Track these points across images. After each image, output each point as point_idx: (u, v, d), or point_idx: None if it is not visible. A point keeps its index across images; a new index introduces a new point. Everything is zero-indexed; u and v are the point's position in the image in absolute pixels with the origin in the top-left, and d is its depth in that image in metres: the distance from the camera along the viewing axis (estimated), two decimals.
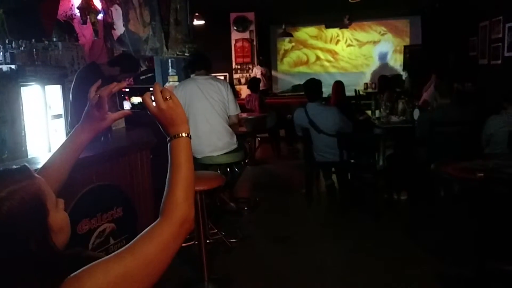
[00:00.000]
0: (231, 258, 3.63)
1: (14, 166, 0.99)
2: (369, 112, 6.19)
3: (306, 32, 11.37)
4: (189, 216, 1.06)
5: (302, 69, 11.47)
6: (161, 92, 1.13)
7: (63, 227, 1.03)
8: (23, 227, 0.92)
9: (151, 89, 1.14)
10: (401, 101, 5.59)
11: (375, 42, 11.25)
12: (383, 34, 11.19)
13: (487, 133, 3.92)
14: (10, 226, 0.91)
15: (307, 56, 11.47)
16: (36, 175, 1.02)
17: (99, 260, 0.94)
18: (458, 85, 5.09)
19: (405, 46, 10.81)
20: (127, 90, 1.21)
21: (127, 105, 1.21)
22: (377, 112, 5.85)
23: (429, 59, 8.93)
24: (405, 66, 10.53)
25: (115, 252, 0.97)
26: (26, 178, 0.97)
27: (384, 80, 7.03)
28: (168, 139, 1.14)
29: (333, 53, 11.40)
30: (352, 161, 4.63)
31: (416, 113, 5.04)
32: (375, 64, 11.29)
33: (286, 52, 11.54)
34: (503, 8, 6.63)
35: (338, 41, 11.36)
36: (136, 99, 1.20)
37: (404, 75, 10.46)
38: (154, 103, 1.13)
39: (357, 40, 11.30)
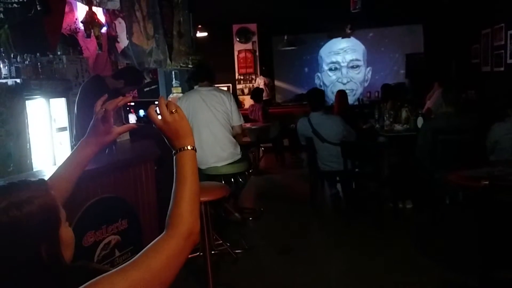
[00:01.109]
0: (236, 269, 3.61)
1: (32, 179, 1.04)
2: (372, 120, 6.18)
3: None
4: (194, 229, 1.07)
5: None
6: (167, 105, 1.14)
7: (69, 243, 1.06)
8: (38, 232, 0.96)
9: (156, 102, 1.15)
10: (404, 110, 5.59)
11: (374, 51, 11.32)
12: (382, 43, 11.25)
13: (492, 140, 3.91)
14: (26, 229, 0.94)
15: None
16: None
17: (104, 274, 0.94)
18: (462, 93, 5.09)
19: (407, 55, 10.83)
20: (132, 104, 1.22)
21: (132, 118, 1.22)
22: (380, 120, 5.85)
23: (432, 67, 8.94)
24: (408, 75, 10.54)
25: (121, 266, 0.98)
26: (44, 189, 1.02)
27: (388, 88, 7.04)
28: (173, 152, 1.15)
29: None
30: (357, 170, 4.63)
31: (420, 121, 5.03)
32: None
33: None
34: (505, 15, 6.65)
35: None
36: (141, 112, 1.21)
37: (406, 83, 10.46)
38: (159, 116, 1.14)
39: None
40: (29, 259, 0.94)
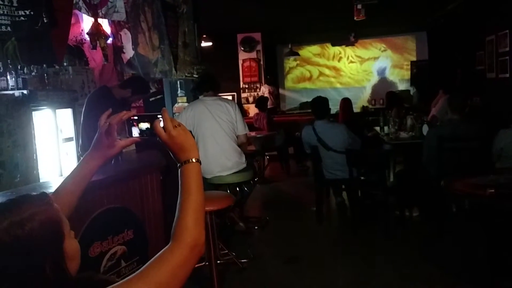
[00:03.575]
0: (243, 278, 3.60)
1: (34, 193, 1.05)
2: (377, 128, 6.18)
3: (309, 51, 11.50)
4: (199, 240, 1.08)
5: (308, 85, 11.56)
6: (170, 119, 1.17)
7: (75, 255, 1.05)
8: (41, 249, 0.96)
9: (159, 116, 1.17)
10: (409, 117, 5.59)
11: (375, 58, 11.38)
12: (383, 51, 11.30)
13: (497, 147, 3.88)
14: (29, 247, 0.94)
15: (310, 72, 11.58)
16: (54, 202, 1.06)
17: (110, 286, 0.95)
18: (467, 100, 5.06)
19: (412, 62, 10.84)
20: (136, 117, 1.24)
21: (135, 131, 1.24)
22: (385, 128, 5.84)
23: (436, 74, 8.93)
24: (413, 82, 10.54)
25: (127, 278, 0.98)
26: (46, 203, 1.02)
27: (392, 96, 7.03)
28: (178, 164, 1.17)
29: (336, 69, 11.52)
30: (362, 178, 4.61)
31: (425, 129, 5.02)
32: (374, 78, 11.40)
33: (290, 69, 11.67)
34: (509, 21, 6.65)
35: (340, 58, 11.50)
36: (144, 125, 1.23)
37: (411, 90, 10.47)
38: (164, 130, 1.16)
39: (359, 57, 11.42)
40: (33, 277, 0.94)
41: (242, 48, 10.31)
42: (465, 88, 7.77)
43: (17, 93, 3.74)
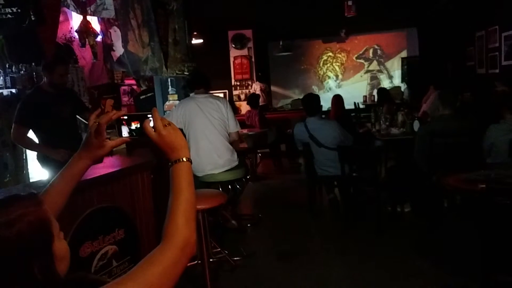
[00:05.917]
0: (235, 276, 3.60)
1: (23, 193, 1.03)
2: (369, 124, 6.20)
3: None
4: (190, 240, 1.07)
5: None
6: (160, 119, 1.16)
7: (64, 256, 1.04)
8: (30, 250, 0.94)
9: (149, 116, 1.16)
10: (400, 113, 5.61)
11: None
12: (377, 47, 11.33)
13: (488, 142, 3.91)
14: (17, 248, 0.93)
15: None
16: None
17: (101, 287, 0.94)
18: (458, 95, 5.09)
19: (402, 58, 10.88)
20: (125, 117, 1.23)
21: (125, 130, 1.23)
22: (377, 124, 5.87)
23: (427, 70, 8.98)
24: (404, 78, 10.59)
25: (118, 278, 0.98)
26: (35, 204, 1.00)
27: (383, 92, 7.06)
28: (169, 164, 1.16)
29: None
30: (354, 174, 4.62)
31: (416, 125, 5.05)
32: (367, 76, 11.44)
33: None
34: (499, 17, 6.69)
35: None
36: (134, 125, 1.22)
37: (403, 86, 10.51)
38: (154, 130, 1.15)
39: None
40: (21, 278, 0.93)
41: (233, 45, 10.28)
42: (456, 84, 7.82)
43: (5, 92, 3.70)
